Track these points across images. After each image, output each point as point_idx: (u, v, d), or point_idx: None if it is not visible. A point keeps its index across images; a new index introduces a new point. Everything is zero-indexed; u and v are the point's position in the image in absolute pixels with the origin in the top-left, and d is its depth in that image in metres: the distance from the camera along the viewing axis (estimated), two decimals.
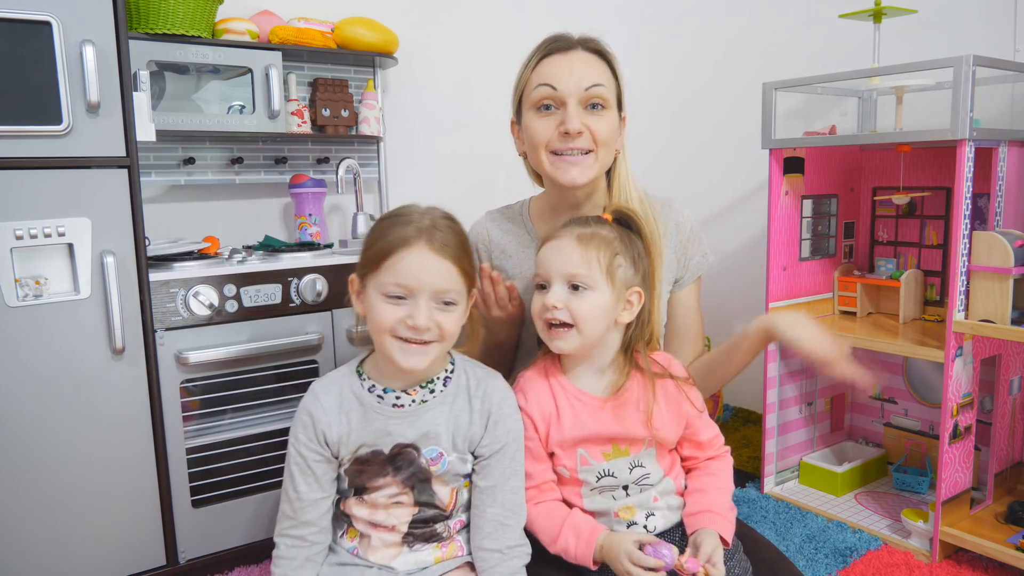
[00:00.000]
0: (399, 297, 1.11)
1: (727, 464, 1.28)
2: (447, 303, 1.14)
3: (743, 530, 1.27)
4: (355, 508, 1.20)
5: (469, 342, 1.33)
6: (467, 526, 1.23)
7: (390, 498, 1.18)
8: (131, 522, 1.62)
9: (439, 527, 1.20)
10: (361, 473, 1.18)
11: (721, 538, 1.15)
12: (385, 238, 1.12)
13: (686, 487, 1.25)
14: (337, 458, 1.19)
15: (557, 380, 1.22)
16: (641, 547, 1.10)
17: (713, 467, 1.26)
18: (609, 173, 1.38)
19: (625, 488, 1.20)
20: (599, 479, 1.19)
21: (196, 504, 1.71)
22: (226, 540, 1.75)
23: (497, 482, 1.19)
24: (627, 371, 1.22)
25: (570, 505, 1.22)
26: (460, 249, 1.15)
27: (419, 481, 1.17)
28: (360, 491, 1.19)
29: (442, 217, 1.17)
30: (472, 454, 1.21)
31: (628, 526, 1.19)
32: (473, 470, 1.21)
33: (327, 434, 1.17)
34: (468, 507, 1.23)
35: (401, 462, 1.17)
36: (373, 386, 1.19)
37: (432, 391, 1.20)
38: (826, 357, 1.21)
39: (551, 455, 1.22)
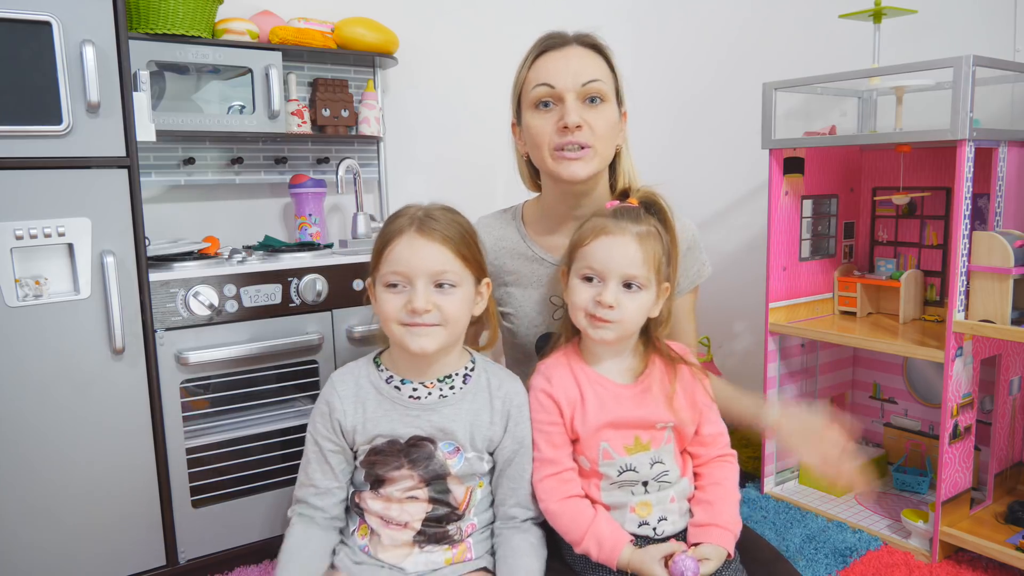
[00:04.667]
0: (397, 285, 1.17)
1: (734, 472, 1.26)
2: (445, 284, 1.17)
3: (741, 531, 1.27)
4: (369, 501, 1.21)
5: (489, 343, 1.34)
6: (479, 530, 1.23)
7: (405, 492, 1.18)
8: (131, 522, 1.62)
9: (451, 528, 1.20)
10: (376, 464, 1.19)
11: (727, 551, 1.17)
12: (382, 234, 1.21)
13: (693, 495, 1.25)
14: (353, 448, 1.21)
15: (580, 367, 1.23)
16: (666, 564, 1.10)
17: (719, 475, 1.25)
18: (613, 169, 1.38)
19: (645, 484, 1.20)
20: (620, 473, 1.19)
21: (196, 504, 1.71)
22: (226, 540, 1.75)
23: (518, 485, 1.22)
24: (647, 357, 1.24)
25: (588, 497, 1.21)
26: (454, 232, 1.18)
27: (435, 478, 1.18)
28: (376, 484, 1.20)
29: (439, 208, 1.21)
30: (490, 454, 1.22)
31: (639, 525, 1.18)
32: (491, 472, 1.23)
33: (342, 423, 1.20)
34: (480, 510, 1.24)
35: (417, 455, 1.18)
36: (391, 376, 1.23)
37: (452, 387, 1.22)
38: (826, 474, 1.22)
39: (574, 442, 1.22)
